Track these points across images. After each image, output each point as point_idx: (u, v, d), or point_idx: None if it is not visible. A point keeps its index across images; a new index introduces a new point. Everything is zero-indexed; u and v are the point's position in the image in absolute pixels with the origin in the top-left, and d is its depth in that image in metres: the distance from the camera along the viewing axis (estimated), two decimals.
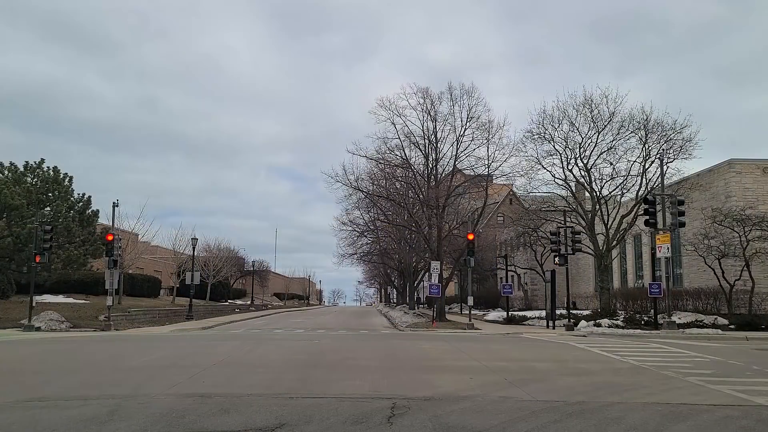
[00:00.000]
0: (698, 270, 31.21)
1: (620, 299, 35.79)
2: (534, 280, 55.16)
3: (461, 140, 33.92)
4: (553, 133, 34.53)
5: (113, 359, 13.78)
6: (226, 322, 37.82)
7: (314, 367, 11.86)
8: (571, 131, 34.04)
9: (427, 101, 33.78)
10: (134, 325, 31.94)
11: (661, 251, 20.51)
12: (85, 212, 33.77)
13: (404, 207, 36.35)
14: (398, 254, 58.59)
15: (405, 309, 52.33)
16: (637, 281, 43.51)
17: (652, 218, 20.40)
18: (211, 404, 7.57)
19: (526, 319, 32.89)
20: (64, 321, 27.82)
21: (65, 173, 33.10)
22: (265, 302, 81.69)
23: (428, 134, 34.04)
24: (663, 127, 31.47)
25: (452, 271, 39.26)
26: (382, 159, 34.90)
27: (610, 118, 33.16)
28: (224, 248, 69.57)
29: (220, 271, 57.80)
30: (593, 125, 33.50)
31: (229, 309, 56.73)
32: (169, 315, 40.13)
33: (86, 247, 32.25)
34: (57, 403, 7.73)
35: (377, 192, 36.93)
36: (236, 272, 76.15)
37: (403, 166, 34.90)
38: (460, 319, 36.78)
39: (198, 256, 59.76)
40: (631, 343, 17.86)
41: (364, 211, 50.19)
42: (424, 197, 33.96)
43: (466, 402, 7.83)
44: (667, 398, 8.25)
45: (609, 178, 32.84)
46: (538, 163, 35.09)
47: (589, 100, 33.65)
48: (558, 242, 26.69)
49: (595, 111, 33.50)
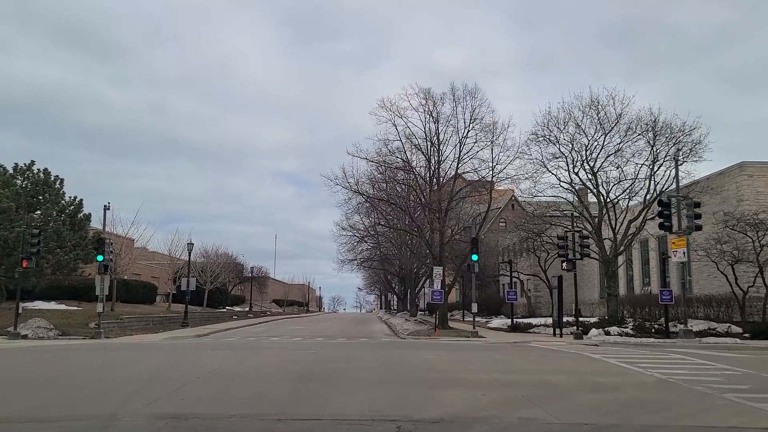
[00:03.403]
0: (708, 276, 30.16)
1: (627, 306, 34.81)
2: (537, 286, 54.11)
3: (464, 142, 32.98)
4: (558, 135, 33.60)
5: (92, 371, 12.74)
6: (223, 329, 36.76)
7: (309, 380, 10.83)
8: (577, 133, 33.09)
9: (429, 102, 32.87)
10: (126, 332, 30.88)
11: (677, 255, 19.47)
12: (77, 216, 32.73)
13: (405, 211, 35.32)
14: (399, 260, 57.64)
15: (406, 316, 51.24)
16: (644, 288, 42.44)
17: (667, 221, 19.38)
18: (184, 430, 6.53)
19: (531, 326, 31.82)
20: (52, 329, 26.75)
21: (56, 175, 32.11)
22: (264, 309, 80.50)
23: (430, 136, 33.09)
24: (671, 129, 30.55)
25: (455, 277, 38.20)
26: (383, 162, 33.92)
27: (617, 120, 32.22)
28: (222, 254, 68.49)
29: (218, 277, 56.65)
30: (600, 127, 32.56)
31: (227, 316, 55.60)
32: (163, 322, 39.02)
33: (77, 251, 31.18)
34: (3, 428, 6.66)
35: (378, 195, 35.89)
36: (235, 278, 74.99)
37: (404, 168, 33.89)
38: (463, 327, 35.71)
39: (195, 262, 58.78)
40: (649, 354, 16.80)
41: (364, 216, 49.24)
42: (426, 200, 32.94)
43: (482, 425, 6.79)
44: (710, 420, 7.23)
45: (616, 182, 31.89)
46: (543, 167, 34.21)
47: (596, 101, 32.66)
48: (566, 247, 25.68)
49: (601, 113, 32.54)
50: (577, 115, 33.16)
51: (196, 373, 11.57)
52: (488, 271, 59.21)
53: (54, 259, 29.59)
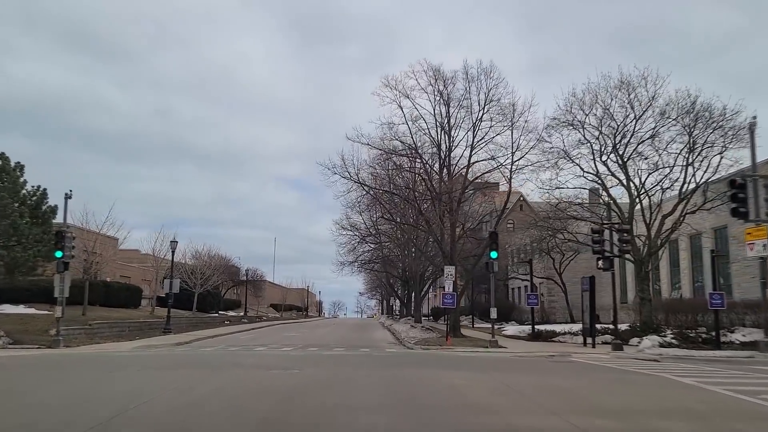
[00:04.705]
0: (753, 278, 26.48)
1: (660, 312, 31.17)
2: (551, 290, 50.62)
3: (478, 126, 29.13)
4: (583, 119, 30.00)
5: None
6: (208, 336, 32.87)
7: (277, 429, 6.95)
8: (606, 117, 29.51)
9: (439, 82, 29.01)
10: (94, 340, 27.03)
11: (754, 249, 15.58)
12: (40, 207, 28.84)
13: (413, 202, 31.30)
14: (402, 261, 53.71)
15: (410, 322, 47.31)
16: (673, 291, 38.80)
17: (742, 206, 15.52)
18: None
19: (555, 334, 27.92)
20: (2, 336, 23.03)
21: (17, 162, 28.22)
22: (261, 314, 76.60)
23: (440, 119, 29.25)
24: (711, 113, 27.10)
25: (466, 280, 34.28)
26: (387, 149, 29.97)
27: (650, 103, 28.65)
28: (215, 255, 64.76)
29: (209, 280, 52.78)
30: (631, 110, 29.03)
31: (218, 321, 51.65)
32: (143, 328, 35.09)
33: (39, 247, 27.26)
34: None
35: (381, 186, 31.81)
36: (228, 281, 71.18)
37: (411, 155, 29.94)
38: (476, 335, 31.80)
39: (185, 263, 55.03)
40: (740, 374, 12.88)
41: (365, 211, 45.29)
42: (436, 191, 29.00)
43: None
44: None
45: (653, 169, 28.10)
46: (565, 156, 30.53)
47: (626, 82, 29.09)
48: (601, 242, 21.77)
49: (632, 95, 29.02)
50: (604, 98, 29.61)
51: (109, 410, 7.63)
52: (497, 274, 55.49)
53: (9, 255, 25.66)
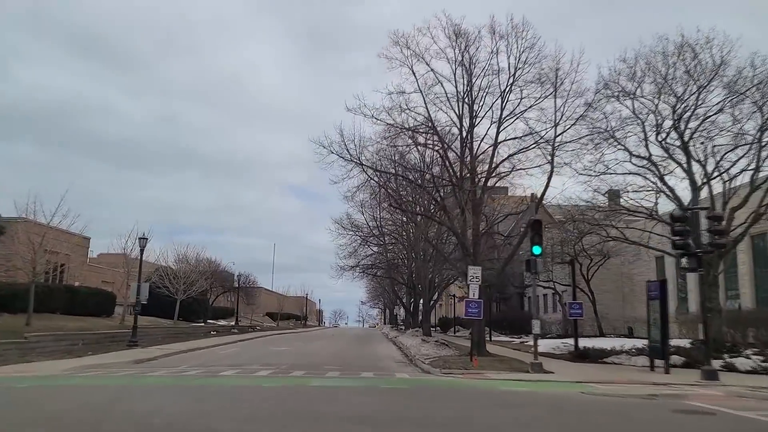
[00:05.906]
0: None
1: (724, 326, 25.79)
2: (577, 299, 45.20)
3: (507, 98, 23.61)
4: (635, 89, 24.69)
5: None
6: (182, 350, 27.21)
7: None
8: (665, 87, 24.20)
9: (461, 41, 23.50)
10: (27, 357, 21.50)
11: None
12: None
13: (427, 189, 25.54)
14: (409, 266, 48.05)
15: (418, 334, 41.64)
16: (729, 300, 33.32)
17: None
18: None
19: (606, 354, 22.24)
20: None
21: None
22: (255, 323, 70.94)
23: (462, 89, 23.73)
24: None
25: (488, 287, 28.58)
26: (396, 123, 24.30)
27: (716, 71, 23.35)
28: (203, 259, 59.17)
29: (193, 285, 47.17)
30: (692, 81, 23.76)
31: (202, 331, 45.99)
32: (101, 341, 29.48)
33: None
34: None
35: (387, 169, 25.85)
36: (219, 288, 65.62)
37: (425, 131, 24.29)
38: (502, 351, 26.13)
39: (167, 267, 49.54)
40: None
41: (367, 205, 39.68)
42: (457, 176, 23.34)
43: None
44: None
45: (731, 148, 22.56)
46: (611, 137, 25.18)
47: (687, 46, 23.87)
48: (684, 234, 16.15)
49: (694, 62, 23.76)
50: (659, 67, 24.40)
51: None
52: (516, 280, 50.21)
53: None
